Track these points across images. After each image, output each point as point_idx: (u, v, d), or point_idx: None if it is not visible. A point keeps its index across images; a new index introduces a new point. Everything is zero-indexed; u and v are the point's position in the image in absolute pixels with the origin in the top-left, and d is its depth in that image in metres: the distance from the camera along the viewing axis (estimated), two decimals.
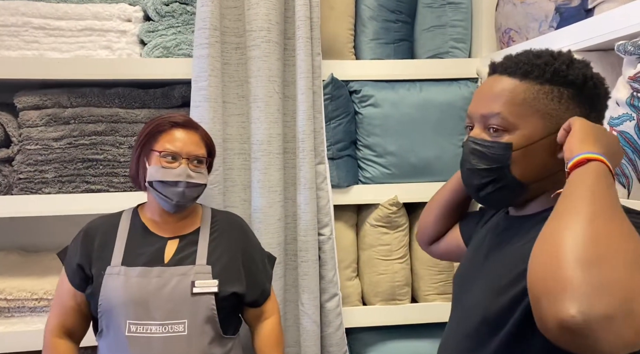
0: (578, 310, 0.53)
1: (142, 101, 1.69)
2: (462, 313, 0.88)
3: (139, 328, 1.18)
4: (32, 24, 1.60)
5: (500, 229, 0.90)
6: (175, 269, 1.22)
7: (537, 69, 0.80)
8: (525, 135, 0.79)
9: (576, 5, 1.34)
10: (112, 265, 1.23)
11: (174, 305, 1.19)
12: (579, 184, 0.65)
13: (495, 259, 0.85)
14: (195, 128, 1.30)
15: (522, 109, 0.80)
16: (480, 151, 0.83)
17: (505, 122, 0.80)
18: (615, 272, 0.55)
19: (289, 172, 1.69)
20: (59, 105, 1.64)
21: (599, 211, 0.61)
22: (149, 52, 1.66)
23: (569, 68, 0.80)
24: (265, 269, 1.39)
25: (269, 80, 1.60)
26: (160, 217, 1.30)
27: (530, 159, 0.80)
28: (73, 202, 1.61)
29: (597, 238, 0.58)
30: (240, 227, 1.37)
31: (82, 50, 1.64)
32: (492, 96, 0.82)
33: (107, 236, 1.28)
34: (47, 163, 1.61)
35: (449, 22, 1.85)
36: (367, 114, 1.80)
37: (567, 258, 0.57)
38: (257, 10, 1.59)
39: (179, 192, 1.23)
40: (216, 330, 1.23)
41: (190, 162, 1.25)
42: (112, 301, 1.20)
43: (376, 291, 1.83)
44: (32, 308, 1.63)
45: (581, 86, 0.80)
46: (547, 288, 0.57)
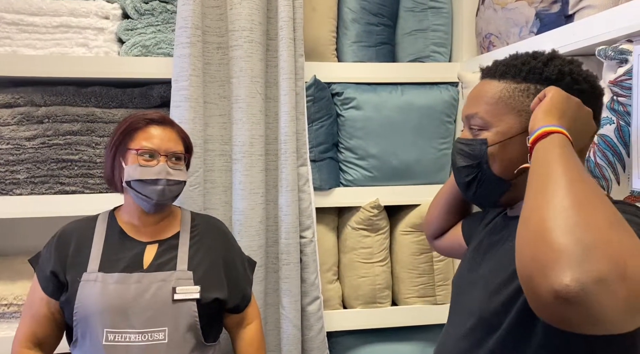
0: (572, 278, 0.52)
1: (120, 101, 1.65)
2: (460, 315, 0.88)
3: (117, 336, 1.14)
4: (5, 19, 1.55)
5: (497, 230, 0.91)
6: (155, 275, 1.18)
7: (513, 69, 0.83)
8: (499, 132, 0.82)
9: (556, 11, 1.36)
10: (89, 271, 1.18)
11: (154, 312, 1.15)
12: (547, 156, 0.65)
13: (491, 260, 0.86)
14: (172, 125, 1.26)
15: (498, 108, 0.82)
16: (462, 149, 0.87)
17: (481, 121, 0.84)
18: (601, 234, 0.54)
19: (271, 174, 1.67)
20: (32, 103, 1.58)
21: (573, 179, 0.61)
22: (128, 50, 1.62)
23: (545, 66, 0.82)
24: (246, 274, 1.36)
25: (252, 80, 1.58)
26: (139, 219, 1.25)
27: (507, 154, 0.82)
28: (46, 204, 1.55)
29: (578, 204, 0.57)
30: (220, 231, 1.34)
31: (58, 47, 1.59)
32: (475, 98, 0.87)
33: (83, 240, 1.23)
34: (19, 163, 1.56)
35: (430, 26, 1.86)
36: (349, 116, 1.79)
37: (552, 229, 0.56)
38: (239, 10, 1.57)
39: (159, 191, 1.18)
40: (197, 338, 1.19)
41: (168, 159, 1.20)
42: (88, 308, 1.15)
43: (357, 294, 1.83)
44: (1, 313, 1.57)
45: (557, 82, 0.80)
46: (536, 263, 0.55)
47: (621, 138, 1.11)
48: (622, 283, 0.52)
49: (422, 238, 1.82)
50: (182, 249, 1.23)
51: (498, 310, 0.76)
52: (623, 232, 0.56)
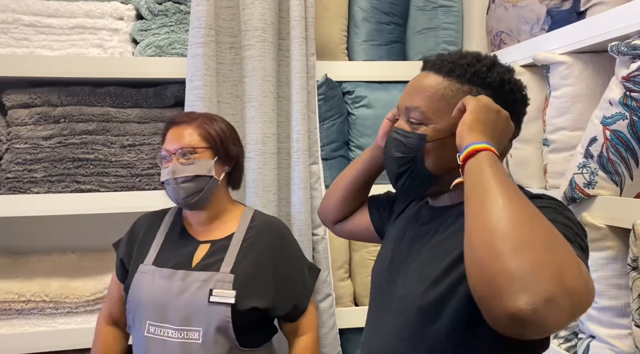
0: (524, 302, 0.57)
1: (134, 100, 1.67)
2: (388, 307, 0.89)
3: (157, 330, 1.17)
4: (22, 21, 1.58)
5: (424, 220, 0.93)
6: (198, 274, 1.19)
7: (460, 69, 0.84)
8: (438, 129, 0.83)
9: (568, 8, 1.36)
10: (145, 263, 1.24)
11: (190, 312, 1.16)
12: (480, 177, 0.69)
13: (424, 249, 0.87)
14: (189, 120, 1.24)
15: (440, 105, 0.83)
16: (399, 141, 0.87)
17: (422, 116, 0.84)
18: (542, 254, 0.59)
19: (283, 172, 1.68)
20: (48, 103, 1.61)
21: (508, 201, 0.64)
22: (142, 51, 1.64)
23: (489, 71, 0.84)
24: (303, 282, 1.31)
25: (264, 80, 1.60)
26: (193, 218, 1.28)
27: (442, 151, 0.84)
28: (62, 203, 1.58)
29: (518, 227, 0.62)
30: (277, 235, 1.30)
31: (74, 48, 1.62)
32: (417, 90, 0.86)
33: (149, 233, 1.29)
34: (36, 162, 1.58)
35: (440, 24, 1.87)
36: (360, 114, 1.80)
37: (499, 254, 0.60)
38: (252, 10, 1.59)
39: (172, 191, 1.21)
40: (231, 341, 1.17)
41: (178, 157, 1.20)
42: (137, 299, 1.21)
43: (368, 292, 1.83)
44: (19, 310, 1.59)
45: (497, 89, 0.83)
46: (489, 288, 0.60)
47: (634, 133, 1.11)
48: (566, 296, 0.58)
49: None
50: (231, 251, 1.22)
51: (439, 299, 0.79)
52: (559, 248, 0.61)
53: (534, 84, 1.46)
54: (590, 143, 1.20)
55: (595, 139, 1.18)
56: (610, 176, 1.18)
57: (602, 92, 1.20)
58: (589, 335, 1.27)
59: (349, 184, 1.15)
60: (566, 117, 1.31)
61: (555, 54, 1.34)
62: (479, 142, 0.72)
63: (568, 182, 1.25)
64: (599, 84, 1.27)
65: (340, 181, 1.18)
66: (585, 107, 1.29)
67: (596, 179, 1.20)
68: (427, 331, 0.80)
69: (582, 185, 1.22)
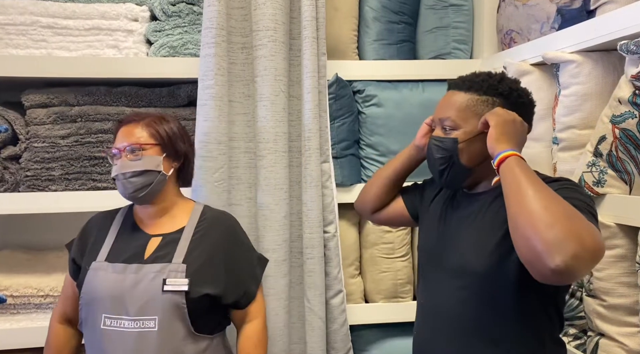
0: (560, 260, 0.81)
1: (149, 100, 1.71)
2: (450, 275, 1.10)
3: (113, 322, 1.21)
4: (40, 22, 1.62)
5: (464, 205, 1.15)
6: (151, 266, 1.23)
7: (477, 84, 1.09)
8: (466, 132, 1.07)
9: (578, 7, 1.37)
10: (97, 260, 1.27)
11: (146, 301, 1.20)
12: (513, 177, 0.92)
13: (472, 227, 1.09)
14: (138, 119, 1.29)
15: (466, 114, 1.08)
16: (437, 145, 1.10)
17: (453, 123, 1.08)
18: (567, 226, 0.82)
19: (295, 171, 1.71)
20: (66, 103, 1.65)
21: (536, 191, 0.88)
22: (156, 51, 1.67)
23: (499, 83, 1.08)
24: (252, 271, 1.36)
25: (275, 79, 1.62)
26: (144, 213, 1.32)
27: (472, 148, 1.07)
28: (79, 200, 1.62)
29: (546, 208, 0.85)
30: (227, 227, 1.35)
31: (90, 49, 1.66)
32: (446, 105, 1.11)
33: (102, 231, 1.32)
34: (54, 161, 1.63)
35: (451, 23, 1.88)
36: (370, 113, 1.82)
37: (537, 229, 0.84)
38: (263, 10, 1.61)
39: (121, 185, 1.25)
40: (187, 327, 1.22)
41: (126, 154, 1.25)
42: (91, 294, 1.24)
43: (379, 289, 1.85)
44: (38, 304, 1.64)
45: (508, 96, 1.08)
46: (534, 253, 0.84)
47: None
48: (586, 253, 0.82)
49: None
50: (182, 243, 1.27)
51: (497, 265, 1.02)
52: (577, 220, 0.85)
53: (543, 82, 1.46)
54: (599, 142, 1.20)
55: (605, 138, 1.19)
56: (619, 175, 1.18)
57: (612, 90, 1.20)
58: (598, 333, 1.28)
59: (388, 178, 1.35)
60: (576, 115, 1.32)
61: (565, 52, 1.34)
62: (506, 150, 0.97)
63: (577, 180, 1.25)
64: (608, 82, 1.27)
65: (379, 175, 1.37)
66: (595, 106, 1.29)
67: (605, 178, 1.20)
68: (490, 290, 1.02)
69: (591, 183, 1.22)
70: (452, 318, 1.08)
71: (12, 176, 1.61)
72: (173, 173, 1.32)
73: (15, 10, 1.61)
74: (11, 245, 1.84)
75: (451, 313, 1.09)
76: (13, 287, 1.61)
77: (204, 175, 1.57)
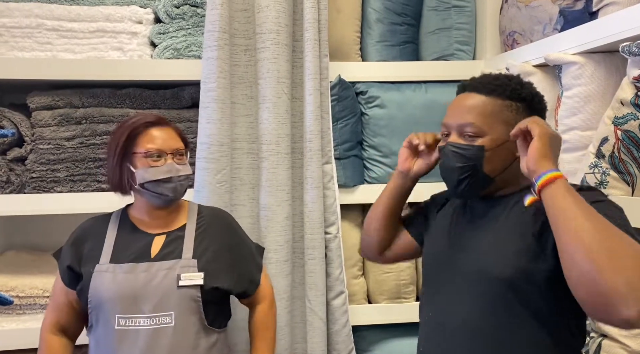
0: (636, 310, 0.73)
1: (153, 102, 1.72)
2: (467, 282, 1.00)
3: (128, 321, 1.21)
4: (46, 25, 1.63)
5: (482, 210, 1.06)
6: (161, 263, 1.25)
7: (499, 88, 1.01)
8: (493, 139, 0.99)
9: (580, 8, 1.37)
10: (101, 263, 1.27)
11: (160, 298, 1.22)
12: (563, 204, 0.83)
13: (494, 232, 1.00)
14: (168, 124, 1.32)
15: (490, 119, 0.99)
16: (459, 153, 1.01)
17: (478, 130, 0.99)
18: (636, 271, 0.75)
19: (297, 172, 1.71)
20: (70, 105, 1.67)
21: (591, 221, 0.79)
22: (160, 53, 1.68)
23: (522, 88, 1.01)
24: (254, 260, 1.41)
25: (278, 81, 1.63)
26: (149, 215, 1.32)
27: (497, 157, 1.00)
28: (84, 201, 1.63)
29: (608, 247, 0.77)
30: (225, 222, 1.39)
31: (94, 51, 1.67)
32: (466, 109, 1.01)
33: (97, 237, 1.32)
34: (59, 162, 1.64)
35: (453, 25, 1.88)
36: (373, 114, 1.82)
37: (601, 271, 0.75)
38: (266, 13, 1.62)
39: (172, 188, 1.27)
40: (201, 321, 1.25)
41: (174, 156, 1.28)
42: (100, 296, 1.23)
43: (382, 290, 1.86)
44: (44, 305, 1.66)
45: (530, 101, 1.02)
46: (599, 302, 0.76)
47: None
48: None
49: None
50: (187, 239, 1.29)
51: (520, 272, 0.93)
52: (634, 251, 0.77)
53: (546, 83, 1.46)
54: (601, 143, 1.20)
55: (607, 139, 1.19)
56: (621, 176, 1.18)
57: (614, 92, 1.20)
58: (600, 334, 1.28)
59: (383, 217, 1.23)
60: (578, 117, 1.32)
61: (568, 54, 1.34)
62: (551, 170, 0.87)
63: (579, 182, 1.25)
64: (610, 84, 1.27)
65: (373, 215, 1.25)
66: (597, 107, 1.29)
67: (607, 179, 1.20)
68: (513, 299, 0.94)
69: (593, 185, 1.22)
70: (467, 330, 0.98)
71: (17, 177, 1.63)
72: None
73: (20, 13, 1.62)
74: (17, 246, 1.86)
75: (467, 325, 0.98)
76: (19, 288, 1.63)
77: (207, 176, 1.58)
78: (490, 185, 1.02)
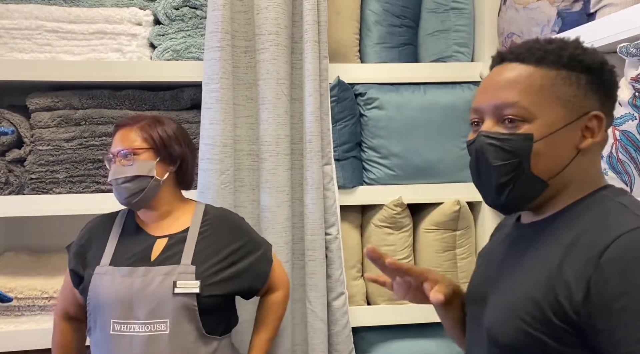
0: None
1: (152, 103, 1.72)
2: (481, 335, 0.79)
3: (123, 326, 1.20)
4: (45, 27, 1.63)
5: (511, 240, 0.83)
6: (159, 268, 1.22)
7: (552, 54, 0.74)
8: (546, 124, 0.72)
9: (578, 10, 1.38)
10: (101, 265, 1.26)
11: (156, 304, 1.19)
12: None
13: (510, 273, 0.77)
14: (132, 123, 1.28)
15: (541, 97, 0.72)
16: (496, 146, 0.74)
17: (523, 112, 0.73)
18: None
19: (297, 173, 1.72)
20: (70, 106, 1.66)
21: None
22: (159, 55, 1.69)
23: (584, 53, 0.75)
24: (264, 255, 1.37)
25: (277, 82, 1.63)
26: (149, 216, 1.32)
27: (552, 151, 0.72)
28: (83, 202, 1.63)
29: None
30: (231, 224, 1.36)
31: (94, 53, 1.67)
32: (505, 84, 0.75)
33: (102, 237, 1.31)
34: (58, 163, 1.64)
35: (452, 26, 1.89)
36: (372, 116, 1.83)
37: None
38: (266, 14, 1.63)
39: (116, 191, 1.26)
40: (198, 329, 1.22)
41: (119, 159, 1.25)
42: (99, 299, 1.23)
43: (381, 291, 1.85)
44: (42, 306, 1.65)
45: (598, 71, 0.74)
46: None
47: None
48: None
49: (445, 236, 1.84)
50: (189, 243, 1.26)
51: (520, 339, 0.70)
52: None
53: None
54: None
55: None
56: (619, 176, 1.19)
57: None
58: None
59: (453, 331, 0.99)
60: None
61: None
62: None
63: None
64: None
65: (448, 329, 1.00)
66: None
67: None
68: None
69: None
70: None
71: (16, 178, 1.63)
72: (171, 177, 1.31)
73: (20, 15, 1.62)
74: (16, 247, 1.86)
75: None
76: (18, 289, 1.62)
77: (210, 178, 1.58)
78: (541, 194, 0.74)
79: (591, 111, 0.74)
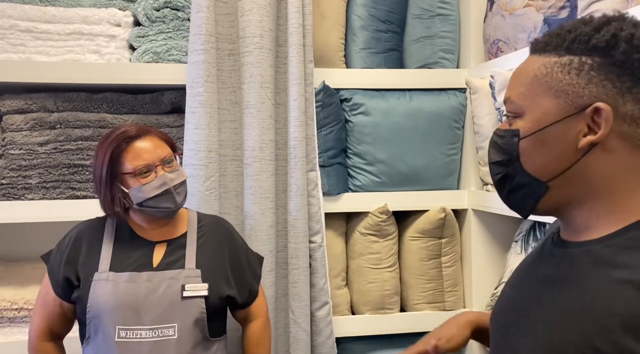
0: None
1: (131, 107, 1.67)
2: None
3: (129, 333, 1.17)
4: (19, 26, 1.57)
5: (544, 260, 0.73)
6: (164, 273, 1.22)
7: (557, 38, 0.65)
8: (534, 119, 0.66)
9: (565, 17, 1.37)
10: (100, 271, 1.22)
11: (164, 309, 1.19)
12: None
13: (539, 303, 0.68)
14: (150, 132, 1.26)
15: (530, 89, 0.66)
16: (494, 142, 0.72)
17: (513, 107, 0.68)
18: None
19: (281, 179, 1.68)
20: (44, 109, 1.60)
21: None
22: (139, 57, 1.64)
23: (597, 31, 0.62)
24: (253, 269, 1.39)
25: (261, 86, 1.60)
26: (149, 224, 1.28)
27: (543, 148, 0.65)
28: (57, 209, 1.57)
29: None
30: (225, 230, 1.38)
31: (70, 54, 1.62)
32: (511, 79, 0.71)
33: (93, 242, 1.27)
34: (31, 168, 1.57)
35: (438, 33, 1.88)
36: (357, 122, 1.80)
37: None
38: (250, 17, 1.59)
39: (171, 199, 1.23)
40: (204, 333, 1.23)
41: (163, 166, 1.22)
42: (100, 306, 1.19)
43: (365, 300, 1.82)
44: (12, 318, 1.57)
45: (606, 50, 0.61)
46: None
47: None
48: None
49: (430, 244, 1.82)
50: (189, 248, 1.27)
51: None
52: None
53: None
54: None
55: None
56: None
57: None
58: None
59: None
60: None
61: None
62: None
63: None
64: None
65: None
66: None
67: None
68: None
69: None
70: None
71: None
72: None
73: None
74: None
75: None
76: None
77: (195, 184, 1.54)
78: (543, 193, 0.67)
79: (594, 103, 0.62)
